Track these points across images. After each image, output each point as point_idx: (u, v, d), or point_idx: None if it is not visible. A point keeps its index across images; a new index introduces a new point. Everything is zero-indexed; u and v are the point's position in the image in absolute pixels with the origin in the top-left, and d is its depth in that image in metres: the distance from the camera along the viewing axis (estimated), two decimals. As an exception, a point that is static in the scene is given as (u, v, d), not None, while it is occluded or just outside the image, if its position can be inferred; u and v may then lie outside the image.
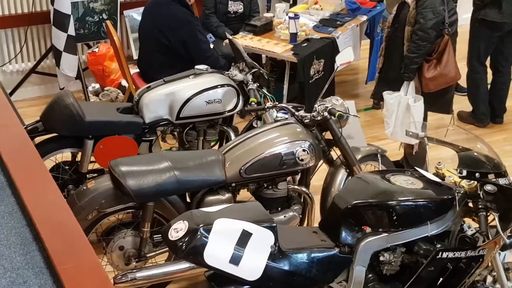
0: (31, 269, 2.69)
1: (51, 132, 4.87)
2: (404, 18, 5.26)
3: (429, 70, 5.44)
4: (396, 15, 5.32)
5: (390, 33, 5.43)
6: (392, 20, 5.36)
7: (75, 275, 2.62)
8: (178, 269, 4.26)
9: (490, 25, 6.38)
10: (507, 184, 3.83)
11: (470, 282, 3.98)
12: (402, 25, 5.29)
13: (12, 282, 2.64)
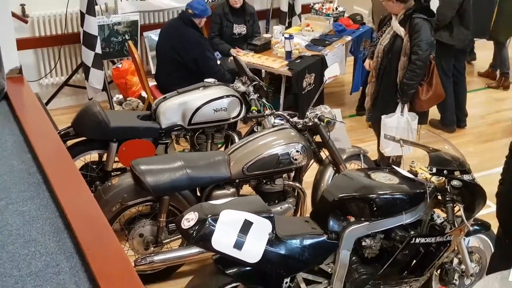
0: (62, 253, 2.67)
1: (81, 136, 4.87)
2: (398, 50, 5.20)
3: (424, 93, 5.42)
4: (389, 47, 5.25)
5: (383, 62, 5.34)
6: (384, 51, 5.29)
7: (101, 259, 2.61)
8: (190, 253, 4.28)
9: (444, 45, 6.38)
10: (470, 180, 3.87)
11: (439, 263, 4.02)
12: (396, 56, 5.22)
13: (46, 265, 2.63)
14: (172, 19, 6.53)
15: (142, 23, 6.97)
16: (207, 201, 4.01)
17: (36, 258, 2.68)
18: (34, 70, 6.84)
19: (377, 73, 5.38)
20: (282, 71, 6.44)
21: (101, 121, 4.74)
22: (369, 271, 3.81)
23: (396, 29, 5.18)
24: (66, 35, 6.82)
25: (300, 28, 7.37)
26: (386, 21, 5.49)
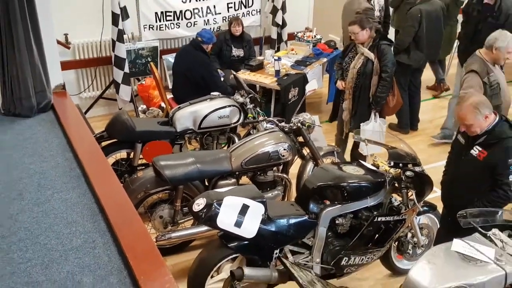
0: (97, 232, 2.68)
1: (113, 138, 4.84)
2: (369, 71, 5.14)
3: (391, 102, 5.47)
4: (363, 69, 5.16)
5: (358, 82, 5.24)
6: (358, 73, 5.19)
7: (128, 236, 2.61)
8: (200, 231, 4.27)
9: (403, 65, 6.38)
10: (420, 171, 3.86)
11: (396, 237, 4.01)
12: (368, 76, 5.16)
13: (84, 241, 2.64)
14: (185, 45, 6.50)
15: (161, 48, 6.94)
16: (213, 189, 4.02)
17: (76, 236, 2.69)
18: (76, 86, 6.81)
19: (353, 91, 5.30)
20: (272, 85, 6.42)
21: (128, 127, 4.72)
22: (341, 244, 3.80)
23: (367, 54, 5.12)
24: (101, 58, 6.78)
25: (286, 52, 7.35)
26: (350, 49, 5.41)
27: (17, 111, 4.02)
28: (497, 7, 5.62)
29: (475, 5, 5.82)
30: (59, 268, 2.50)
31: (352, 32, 5.11)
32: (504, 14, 5.61)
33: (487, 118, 3.54)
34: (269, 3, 7.47)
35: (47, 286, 2.40)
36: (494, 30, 5.41)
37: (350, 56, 5.33)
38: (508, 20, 5.58)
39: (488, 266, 2.92)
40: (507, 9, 5.63)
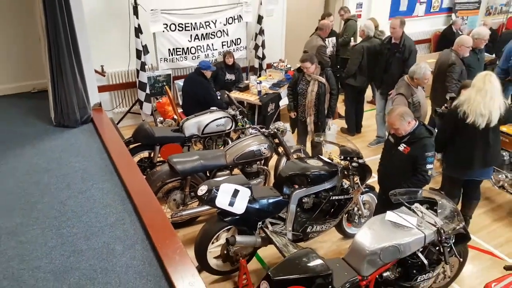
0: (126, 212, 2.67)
1: (137, 142, 4.80)
2: (323, 91, 5.07)
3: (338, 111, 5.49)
4: (319, 91, 5.07)
5: (318, 101, 5.14)
6: (317, 94, 5.09)
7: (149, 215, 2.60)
8: (203, 209, 4.26)
9: (351, 86, 6.40)
10: (362, 162, 3.88)
11: (346, 210, 4.02)
12: (323, 95, 5.10)
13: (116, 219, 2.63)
14: (191, 73, 6.42)
15: (174, 75, 6.90)
16: (213, 179, 4.02)
17: (110, 215, 2.68)
18: (110, 104, 6.74)
19: (315, 109, 5.19)
20: (256, 102, 6.39)
21: (149, 133, 4.69)
22: (307, 216, 3.80)
23: (320, 80, 5.05)
24: (128, 83, 6.72)
25: (266, 77, 7.31)
26: (300, 79, 5.18)
27: (65, 123, 4.00)
28: (402, 45, 5.60)
29: (386, 44, 5.80)
30: (97, 239, 2.50)
31: (304, 67, 5.01)
32: (407, 50, 5.59)
33: (410, 124, 3.58)
34: (252, 41, 7.45)
35: (88, 253, 2.40)
36: (400, 63, 5.58)
37: (303, 83, 5.15)
38: (411, 55, 5.57)
39: (412, 231, 2.94)
40: (409, 46, 5.60)
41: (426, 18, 9.62)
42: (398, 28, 5.58)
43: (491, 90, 3.79)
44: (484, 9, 10.42)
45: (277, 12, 7.66)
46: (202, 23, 6.79)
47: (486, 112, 3.78)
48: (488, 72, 3.91)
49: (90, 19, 6.00)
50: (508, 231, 4.56)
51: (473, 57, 5.57)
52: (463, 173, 4.17)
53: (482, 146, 3.97)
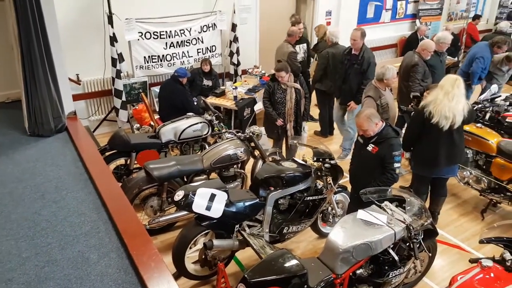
0: (101, 221, 2.59)
1: (113, 150, 4.70)
2: (299, 97, 5.08)
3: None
4: (297, 98, 5.08)
5: (296, 107, 5.13)
6: (296, 101, 5.08)
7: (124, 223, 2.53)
8: (180, 215, 4.19)
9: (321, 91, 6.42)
10: (334, 163, 3.91)
11: (321, 210, 4.03)
12: (299, 100, 5.11)
13: (91, 228, 2.55)
14: (167, 79, 6.35)
15: (150, 82, 6.81)
16: (190, 184, 3.95)
17: (85, 224, 2.60)
18: (86, 111, 6.59)
19: (294, 115, 5.16)
20: (232, 107, 6.38)
21: (125, 140, 4.60)
22: (283, 217, 3.79)
23: (297, 87, 5.05)
24: (104, 90, 6.59)
25: (241, 83, 7.31)
26: (276, 88, 5.08)
27: (39, 133, 3.87)
28: (361, 57, 5.53)
29: (346, 55, 5.74)
30: (72, 248, 2.41)
31: (279, 76, 4.94)
32: (366, 62, 5.52)
33: (377, 125, 3.63)
34: (227, 48, 7.43)
35: (63, 263, 2.31)
36: (359, 74, 5.54)
37: (279, 92, 5.07)
38: (369, 67, 5.52)
39: (383, 228, 2.97)
40: (368, 58, 5.54)
41: (392, 24, 9.81)
42: (359, 39, 5.46)
43: (458, 95, 3.89)
44: (446, 15, 10.70)
45: (251, 20, 7.66)
46: (177, 31, 6.73)
47: (450, 115, 3.86)
48: (457, 77, 3.99)
49: (64, 28, 5.88)
50: (474, 225, 4.66)
51: (436, 59, 5.71)
52: (430, 171, 4.25)
53: (447, 145, 4.05)
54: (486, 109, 5.28)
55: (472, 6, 10.97)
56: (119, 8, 6.06)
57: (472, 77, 6.40)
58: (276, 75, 5.04)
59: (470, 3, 10.65)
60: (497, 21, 11.39)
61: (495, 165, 4.67)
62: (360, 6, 9.04)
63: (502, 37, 6.41)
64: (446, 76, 4.10)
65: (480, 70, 6.32)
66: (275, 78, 5.09)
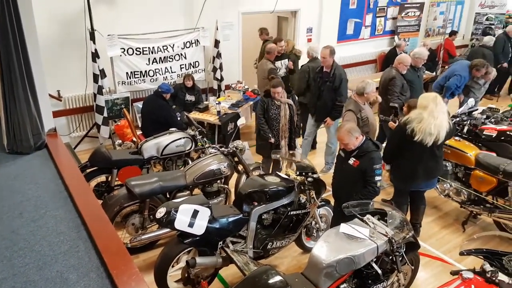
0: (80, 240, 2.54)
1: (94, 167, 4.64)
2: (292, 113, 5.12)
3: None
4: (290, 114, 5.12)
5: (290, 123, 5.14)
6: (290, 116, 5.11)
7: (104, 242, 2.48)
8: (163, 232, 4.12)
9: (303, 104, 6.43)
10: (317, 177, 3.92)
11: (304, 225, 4.03)
12: (293, 117, 5.13)
13: (70, 247, 2.50)
14: (150, 95, 6.33)
15: (132, 97, 6.78)
16: (172, 200, 3.91)
17: (64, 243, 2.55)
18: (67, 128, 6.51)
19: (288, 131, 5.16)
20: (215, 122, 6.37)
21: (106, 157, 4.55)
22: (267, 233, 3.77)
23: (290, 103, 5.09)
24: (86, 106, 6.53)
25: (225, 98, 7.33)
26: (270, 104, 5.07)
27: (18, 150, 3.80)
28: (332, 74, 5.59)
29: (318, 73, 5.80)
30: (50, 268, 2.35)
31: (276, 92, 4.95)
32: (338, 79, 5.59)
33: (358, 139, 3.68)
34: (211, 64, 7.47)
35: (41, 283, 2.25)
36: (332, 91, 5.60)
37: (273, 109, 5.07)
38: (341, 83, 5.60)
39: (365, 242, 2.98)
40: (339, 75, 5.61)
41: (371, 40, 10.03)
42: (328, 57, 5.53)
43: (441, 111, 3.97)
44: (423, 31, 11.01)
45: (233, 36, 7.74)
46: (160, 47, 6.74)
47: (435, 131, 3.94)
48: (436, 95, 4.09)
49: (46, 44, 5.84)
50: (455, 237, 4.72)
51: (413, 74, 5.85)
52: (409, 185, 4.31)
53: (426, 160, 4.13)
54: (464, 122, 5.41)
55: (449, 23, 11.32)
56: (101, 24, 6.06)
57: (445, 91, 6.56)
58: (272, 91, 5.03)
59: (447, 20, 10.98)
60: (473, 36, 11.77)
61: (474, 177, 4.76)
62: (340, 23, 9.23)
63: (482, 61, 6.60)
64: (425, 95, 4.17)
65: (454, 87, 6.49)
66: (268, 95, 5.08)
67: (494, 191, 4.60)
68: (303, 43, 8.58)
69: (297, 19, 8.53)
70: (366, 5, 9.53)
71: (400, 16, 10.12)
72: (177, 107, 6.61)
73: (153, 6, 6.66)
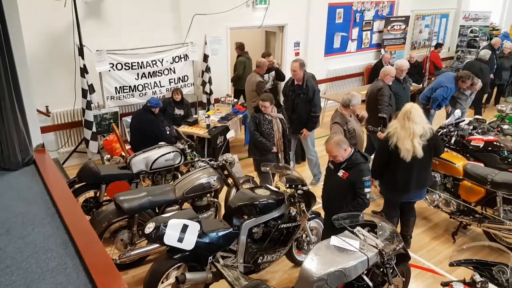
0: (68, 256, 2.51)
1: (83, 182, 4.61)
2: (286, 127, 5.17)
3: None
4: (283, 127, 5.13)
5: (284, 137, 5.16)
6: (283, 130, 5.13)
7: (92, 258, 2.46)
8: (152, 248, 4.08)
9: None
10: (307, 189, 3.95)
11: (295, 238, 4.03)
12: (286, 131, 5.16)
13: (58, 264, 2.48)
14: (139, 109, 6.38)
15: (121, 112, 6.78)
16: (161, 215, 3.88)
17: (51, 260, 2.51)
18: (55, 143, 6.47)
19: (283, 145, 5.17)
20: (205, 135, 6.40)
21: (94, 172, 4.52)
22: (257, 247, 3.77)
23: (281, 117, 5.12)
24: (74, 122, 6.51)
25: (214, 111, 7.37)
26: (263, 120, 5.05)
27: (6, 166, 3.75)
28: (305, 86, 5.68)
29: (290, 87, 5.86)
30: (38, 286, 2.30)
31: (263, 105, 4.97)
32: (311, 90, 5.65)
33: (346, 151, 3.72)
34: (200, 78, 7.52)
35: (28, 302, 2.21)
36: (306, 103, 5.67)
37: (266, 123, 5.06)
38: (315, 94, 5.68)
39: (356, 254, 2.98)
40: (312, 86, 5.70)
41: (358, 53, 10.20)
42: (298, 70, 5.61)
43: (411, 127, 4.01)
44: (409, 44, 11.23)
45: (222, 51, 7.81)
46: (149, 62, 6.78)
47: (410, 148, 4.01)
48: (409, 108, 4.10)
49: (34, 60, 5.84)
50: (446, 248, 4.76)
51: (398, 86, 5.96)
52: (400, 196, 4.35)
53: (418, 171, 4.17)
54: (451, 133, 5.50)
55: (434, 35, 11.58)
56: (90, 40, 6.08)
57: (432, 102, 6.67)
58: (260, 105, 5.05)
59: (432, 33, 11.23)
60: (458, 49, 12.04)
61: (462, 187, 4.82)
62: (327, 37, 9.39)
63: (467, 72, 6.75)
64: (404, 107, 4.23)
65: (441, 98, 6.61)
66: (259, 109, 5.09)
67: (482, 201, 4.66)
68: (291, 57, 8.69)
69: (285, 33, 8.66)
70: (352, 19, 9.72)
71: (386, 30, 10.32)
72: (166, 121, 6.61)
73: (142, 22, 6.72)
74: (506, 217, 4.46)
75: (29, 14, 5.64)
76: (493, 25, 12.50)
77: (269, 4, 8.02)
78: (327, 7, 9.07)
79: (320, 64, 9.20)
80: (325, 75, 9.61)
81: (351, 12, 9.60)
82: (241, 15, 7.79)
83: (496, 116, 6.69)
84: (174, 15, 7.04)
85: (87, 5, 6.08)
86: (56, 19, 5.94)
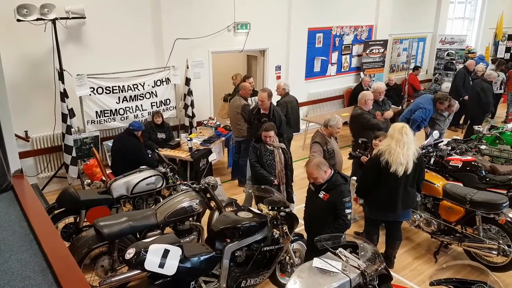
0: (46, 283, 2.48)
1: (62, 208, 4.57)
2: (288, 157, 5.09)
3: None
4: (284, 157, 5.03)
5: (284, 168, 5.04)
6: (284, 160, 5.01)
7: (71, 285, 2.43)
8: (133, 274, 3.98)
9: None
10: (289, 211, 3.97)
11: (278, 260, 4.04)
12: (288, 160, 5.08)
13: (36, 292, 2.42)
14: (121, 133, 6.38)
15: (102, 136, 6.75)
16: (142, 240, 3.86)
17: None
18: (35, 169, 6.39)
19: (285, 176, 5.04)
20: (187, 158, 6.41)
21: (74, 197, 4.49)
22: (240, 270, 3.77)
23: (283, 147, 5.04)
24: (54, 147, 6.46)
25: (196, 134, 7.42)
26: (263, 150, 4.95)
27: (-18, 193, 3.71)
28: (272, 115, 5.81)
29: (255, 115, 5.94)
30: (14, 316, 2.27)
31: (268, 136, 4.88)
32: (278, 120, 5.77)
33: (326, 172, 3.80)
34: (182, 101, 7.58)
35: (3, 333, 2.17)
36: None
37: (267, 154, 4.95)
38: (281, 124, 5.80)
39: (338, 275, 3.01)
40: (279, 116, 5.85)
41: (338, 77, 10.47)
42: (266, 100, 5.80)
43: (407, 142, 4.15)
44: (388, 67, 11.58)
45: (204, 74, 7.93)
46: (130, 85, 6.83)
47: (404, 161, 4.11)
48: (403, 125, 4.26)
49: (13, 85, 5.83)
50: (428, 267, 4.82)
51: (377, 108, 6.14)
52: (386, 215, 4.42)
53: (403, 190, 4.26)
54: (431, 154, 5.65)
55: (412, 58, 11.98)
56: (70, 64, 6.12)
57: (411, 124, 6.88)
58: (263, 136, 4.90)
59: (410, 56, 11.63)
60: (436, 71, 12.46)
61: (442, 207, 4.92)
62: (307, 61, 9.63)
63: (444, 94, 7.03)
64: (393, 125, 4.36)
65: (420, 119, 6.82)
66: (260, 140, 4.99)
67: (462, 220, 4.76)
68: (273, 80, 8.87)
69: (266, 57, 8.86)
70: (332, 43, 10.01)
71: (365, 53, 10.65)
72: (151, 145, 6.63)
73: (123, 46, 6.80)
74: (485, 236, 4.57)
75: (8, 38, 5.69)
76: (469, 48, 13.02)
77: (250, 29, 8.23)
78: (307, 31, 9.34)
79: (301, 88, 9.42)
80: (306, 98, 9.81)
81: (330, 36, 9.89)
82: (223, 40, 7.96)
83: (473, 137, 6.90)
84: (155, 39, 7.16)
85: (67, 29, 6.14)
86: (36, 44, 5.97)
